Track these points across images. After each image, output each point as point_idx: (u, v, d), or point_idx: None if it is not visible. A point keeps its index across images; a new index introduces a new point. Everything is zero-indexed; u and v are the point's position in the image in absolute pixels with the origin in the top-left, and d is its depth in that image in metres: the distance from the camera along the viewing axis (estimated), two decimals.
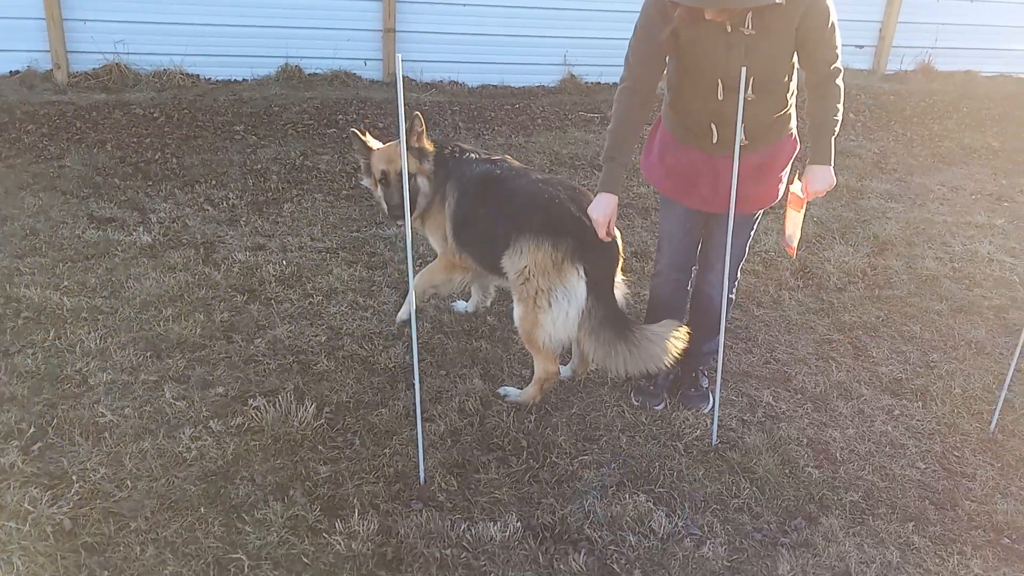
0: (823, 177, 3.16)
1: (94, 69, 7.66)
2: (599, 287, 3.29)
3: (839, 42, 3.02)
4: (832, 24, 2.97)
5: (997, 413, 3.65)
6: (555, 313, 3.28)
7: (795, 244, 3.30)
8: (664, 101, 3.32)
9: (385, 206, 3.71)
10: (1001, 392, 3.64)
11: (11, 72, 7.39)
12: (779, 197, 3.35)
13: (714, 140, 3.15)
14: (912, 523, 3.06)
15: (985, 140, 7.92)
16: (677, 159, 3.28)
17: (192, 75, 7.88)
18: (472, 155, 3.67)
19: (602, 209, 3.13)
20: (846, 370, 4.01)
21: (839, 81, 3.07)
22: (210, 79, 7.96)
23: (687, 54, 3.02)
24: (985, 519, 3.12)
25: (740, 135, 3.00)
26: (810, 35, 2.95)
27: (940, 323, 4.51)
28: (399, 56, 2.66)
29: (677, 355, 3.26)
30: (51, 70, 7.52)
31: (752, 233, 3.47)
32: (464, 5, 8.42)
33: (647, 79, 3.07)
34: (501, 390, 3.60)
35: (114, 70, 7.68)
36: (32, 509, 2.70)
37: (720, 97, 3.03)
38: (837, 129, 3.13)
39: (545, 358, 3.41)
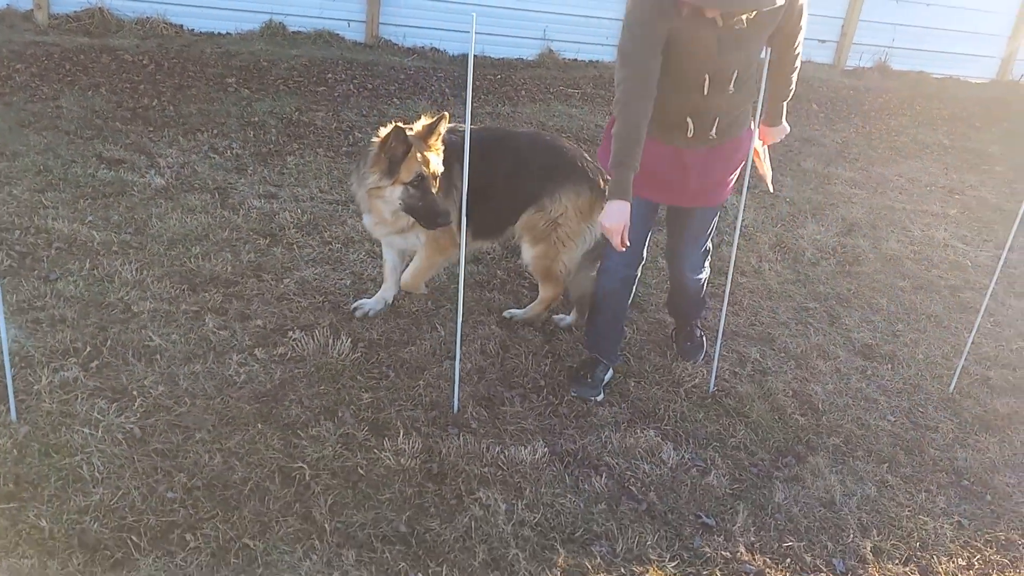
0: (779, 131, 3.52)
1: (75, 12, 7.58)
2: None
3: (806, 24, 3.16)
4: (804, 11, 3.10)
5: (956, 377, 4.08)
6: (578, 249, 3.73)
7: (769, 178, 3.72)
8: None
9: (415, 213, 3.40)
10: (960, 360, 4.08)
11: None
12: (731, 192, 3.48)
13: (689, 134, 3.13)
14: (886, 465, 3.46)
15: (937, 137, 8.46)
16: (646, 154, 3.02)
17: (176, 25, 7.86)
18: (459, 130, 3.52)
19: (616, 217, 2.96)
20: (823, 334, 4.40)
21: (798, 51, 3.23)
22: (193, 30, 7.94)
23: (676, 49, 2.91)
24: (947, 464, 3.54)
25: (719, 129, 3.16)
26: (788, 24, 3.07)
27: (904, 298, 4.95)
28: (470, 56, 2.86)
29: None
30: (31, 10, 7.42)
31: (715, 223, 3.60)
32: None
33: (650, 77, 2.91)
34: (507, 313, 3.98)
35: (96, 14, 7.61)
36: (102, 418, 2.88)
37: (705, 92, 3.01)
38: (790, 95, 3.37)
39: (556, 284, 3.85)
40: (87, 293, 3.58)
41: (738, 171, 3.41)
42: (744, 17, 2.84)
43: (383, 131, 3.35)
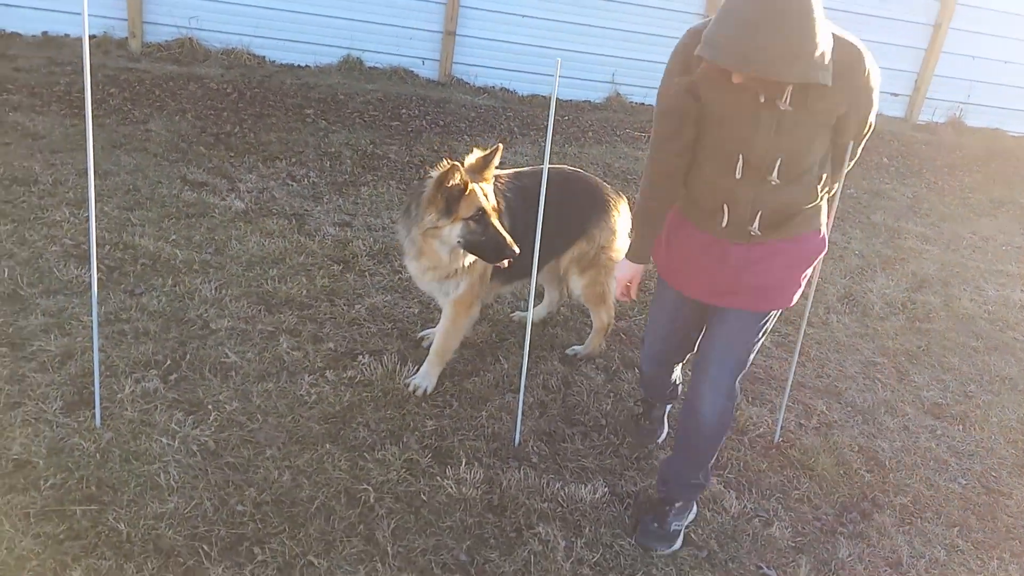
0: None
1: (167, 41, 7.95)
2: None
3: (876, 112, 2.67)
4: (875, 101, 2.60)
5: None
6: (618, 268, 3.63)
7: None
8: None
9: (477, 249, 3.28)
10: None
11: (89, 36, 7.66)
12: (793, 303, 2.82)
13: (723, 223, 2.66)
14: (956, 528, 3.36)
15: (1013, 196, 8.28)
16: (680, 236, 2.83)
17: (259, 56, 8.18)
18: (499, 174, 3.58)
19: (623, 270, 2.98)
20: (891, 390, 4.31)
21: (862, 146, 2.81)
22: (275, 62, 8.25)
23: (707, 118, 2.56)
24: (1021, 532, 3.43)
25: (763, 225, 2.64)
26: (850, 123, 2.59)
27: (976, 359, 4.83)
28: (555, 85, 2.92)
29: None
30: (126, 38, 7.81)
31: (760, 341, 2.85)
32: (523, 16, 8.75)
33: (671, 139, 2.64)
34: (570, 351, 4.05)
35: (186, 44, 7.97)
36: (179, 429, 2.98)
37: (738, 176, 2.56)
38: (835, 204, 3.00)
39: (609, 309, 3.97)
40: (169, 308, 3.72)
41: (800, 283, 2.78)
42: (788, 93, 2.40)
43: (436, 171, 3.23)
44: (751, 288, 2.72)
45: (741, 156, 2.54)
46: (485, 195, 3.28)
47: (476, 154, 3.38)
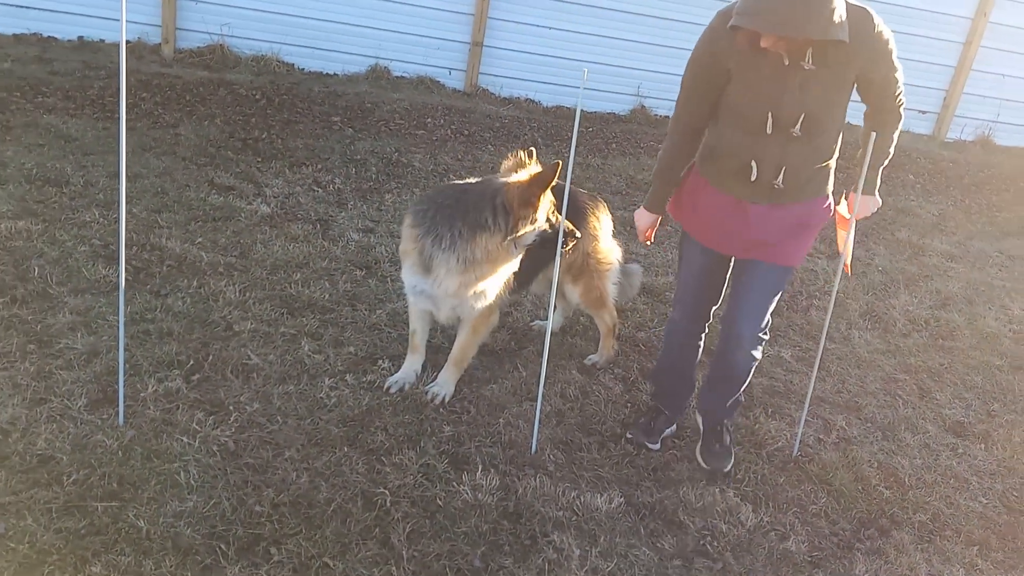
0: (871, 204, 3.30)
1: (198, 47, 8.08)
2: None
3: (902, 77, 2.98)
4: (895, 63, 2.91)
5: None
6: (613, 269, 4.00)
7: (848, 261, 3.50)
8: (703, 143, 3.18)
9: (551, 241, 3.28)
10: None
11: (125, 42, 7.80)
12: (799, 262, 3.29)
13: (752, 177, 3.00)
14: (976, 547, 3.32)
15: None
16: (707, 203, 3.17)
17: (288, 63, 8.28)
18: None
19: (640, 219, 3.39)
20: (912, 407, 4.27)
21: (901, 110, 3.08)
22: (303, 70, 8.35)
23: (739, 85, 2.91)
24: None
25: (786, 179, 2.99)
26: (875, 80, 2.91)
27: (1000, 377, 4.77)
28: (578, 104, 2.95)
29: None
30: (159, 44, 7.95)
31: (778, 298, 3.29)
32: (549, 28, 8.80)
33: (695, 117, 3.07)
34: (587, 360, 4.10)
35: (217, 50, 8.10)
36: (199, 429, 3.03)
37: (768, 131, 2.90)
38: (888, 161, 3.19)
39: (610, 310, 4.04)
40: (193, 310, 3.77)
41: (809, 245, 3.24)
42: (809, 54, 2.76)
43: (513, 172, 3.26)
44: (771, 241, 3.10)
45: (771, 114, 2.87)
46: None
47: (512, 163, 3.40)
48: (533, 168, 3.32)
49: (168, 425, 3.04)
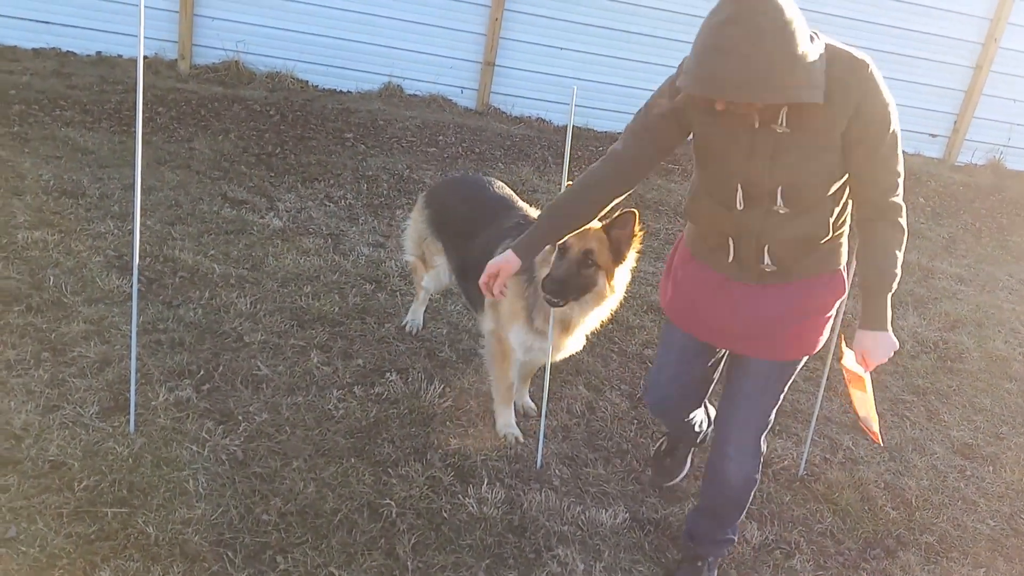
0: (882, 344, 2.48)
1: (214, 63, 8.18)
2: None
3: (901, 167, 2.38)
4: (893, 134, 2.32)
5: None
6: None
7: (875, 427, 2.71)
8: (684, 205, 2.75)
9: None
10: None
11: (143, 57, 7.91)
12: (818, 348, 2.67)
13: (729, 258, 2.55)
14: (983, 570, 3.32)
15: None
16: (687, 275, 2.72)
17: (302, 80, 8.37)
18: None
19: (495, 265, 2.72)
20: (920, 429, 4.27)
21: (901, 220, 2.41)
22: (317, 87, 8.44)
23: (701, 147, 2.48)
24: None
25: (777, 260, 2.50)
26: (861, 145, 2.30)
27: (1009, 400, 4.76)
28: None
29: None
30: (175, 60, 8.06)
31: (784, 392, 2.72)
32: (560, 48, 8.88)
33: (628, 152, 2.55)
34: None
35: (232, 66, 8.20)
36: (209, 438, 3.06)
37: (739, 207, 2.43)
38: (895, 285, 2.44)
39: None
40: (204, 320, 3.82)
41: (822, 329, 2.62)
42: (783, 115, 2.27)
43: (620, 223, 2.98)
44: (765, 333, 2.58)
45: (740, 186, 2.41)
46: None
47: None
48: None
49: (178, 433, 3.07)
